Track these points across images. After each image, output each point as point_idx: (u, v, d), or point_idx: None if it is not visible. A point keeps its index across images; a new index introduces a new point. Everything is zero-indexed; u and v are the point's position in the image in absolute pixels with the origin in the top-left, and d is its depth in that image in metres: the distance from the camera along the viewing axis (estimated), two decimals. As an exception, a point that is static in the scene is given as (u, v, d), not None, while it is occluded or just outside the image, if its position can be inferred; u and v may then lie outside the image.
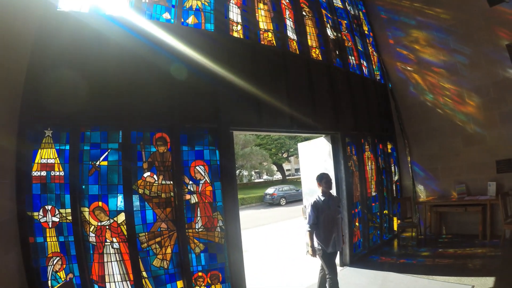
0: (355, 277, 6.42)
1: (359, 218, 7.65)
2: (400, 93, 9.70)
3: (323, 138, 7.40)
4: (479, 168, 8.37)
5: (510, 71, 7.82)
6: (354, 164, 7.72)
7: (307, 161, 8.16)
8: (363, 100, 8.55)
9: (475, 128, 8.41)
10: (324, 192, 5.07)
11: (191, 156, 4.90)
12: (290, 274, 6.96)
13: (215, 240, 4.98)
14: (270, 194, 25.97)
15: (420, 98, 9.31)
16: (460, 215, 8.46)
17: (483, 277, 5.74)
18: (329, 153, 7.30)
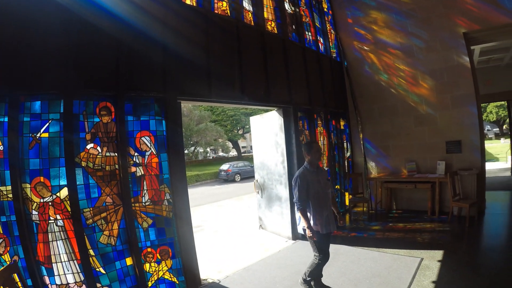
0: (308, 250, 6.33)
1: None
2: (356, 71, 9.85)
3: (275, 112, 7.35)
4: (429, 148, 8.81)
5: (464, 58, 8.22)
6: (306, 139, 7.71)
7: (259, 135, 8.14)
8: (317, 76, 8.59)
9: (427, 109, 8.79)
10: (312, 163, 4.68)
11: (137, 126, 4.65)
12: (243, 248, 7.03)
13: (163, 214, 4.81)
14: (225, 170, 26.12)
15: (374, 78, 9.51)
16: (410, 191, 8.94)
17: (432, 250, 6.05)
18: (280, 127, 7.26)
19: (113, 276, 4.28)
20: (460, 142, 8.37)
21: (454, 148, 8.44)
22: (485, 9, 7.83)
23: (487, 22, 7.92)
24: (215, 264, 6.19)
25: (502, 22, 7.78)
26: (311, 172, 4.61)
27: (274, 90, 6.93)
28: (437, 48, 8.56)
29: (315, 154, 4.66)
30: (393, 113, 9.28)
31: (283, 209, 7.36)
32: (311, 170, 4.63)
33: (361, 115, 9.74)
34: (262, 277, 5.44)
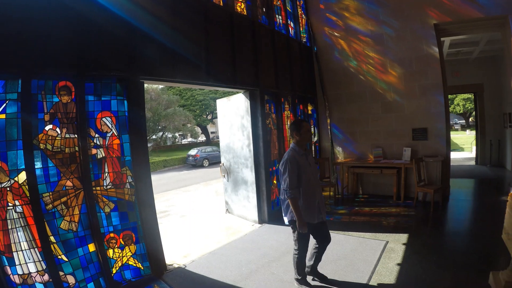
0: (274, 234, 6.66)
1: (277, 176, 7.76)
2: (325, 57, 9.92)
3: (242, 94, 7.34)
4: (396, 134, 9.06)
5: (434, 48, 8.44)
6: (272, 122, 7.78)
7: (226, 118, 8.11)
8: (286, 60, 8.62)
9: (395, 97, 9.00)
10: (301, 145, 4.26)
11: (98, 106, 4.48)
12: (210, 233, 7.04)
13: (125, 198, 4.70)
14: (193, 155, 26.07)
15: (344, 64, 9.62)
16: (376, 176, 9.20)
17: (397, 234, 6.25)
18: (247, 110, 7.26)
19: (76, 263, 4.16)
20: (426, 129, 8.66)
21: (420, 135, 8.74)
22: (457, 2, 8.05)
23: (459, 15, 8.14)
24: (181, 249, 6.18)
25: (473, 16, 8.02)
26: (300, 155, 4.19)
27: (241, 73, 6.90)
28: (408, 38, 8.73)
29: (305, 134, 4.24)
30: (361, 99, 9.45)
31: (249, 193, 7.43)
32: (301, 152, 4.21)
33: (329, 100, 9.87)
34: (228, 261, 5.48)
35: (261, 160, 7.24)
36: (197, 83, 6.18)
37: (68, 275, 4.08)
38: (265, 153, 7.29)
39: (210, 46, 6.17)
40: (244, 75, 7.00)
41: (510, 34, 7.89)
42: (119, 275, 4.62)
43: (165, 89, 36.70)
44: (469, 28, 8.81)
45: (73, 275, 4.12)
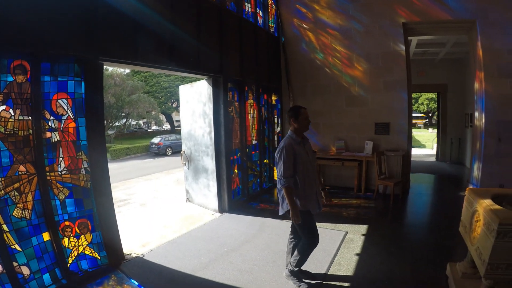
0: (234, 223, 6.74)
1: (238, 165, 7.90)
2: (292, 48, 10.02)
3: (205, 81, 7.31)
4: (358, 128, 9.30)
5: (401, 46, 8.73)
6: (235, 111, 7.83)
7: (188, 105, 8.07)
8: (252, 49, 8.66)
9: (360, 91, 9.25)
10: (299, 133, 4.17)
11: (54, 87, 4.30)
12: (169, 221, 7.04)
13: (80, 184, 4.55)
14: (156, 143, 25.89)
15: (310, 56, 9.76)
16: (338, 168, 9.42)
17: (357, 225, 6.46)
18: (209, 97, 7.25)
19: (30, 253, 4.01)
20: (388, 124, 8.99)
21: (383, 129, 9.06)
22: (427, 3, 8.36)
23: (427, 15, 8.45)
24: (140, 238, 6.15)
25: (441, 17, 8.37)
26: (297, 143, 4.08)
27: (205, 59, 6.87)
28: (376, 34, 8.98)
29: (303, 121, 4.16)
30: (325, 92, 9.63)
31: (209, 181, 7.46)
32: (298, 140, 4.12)
33: (293, 91, 10.00)
34: (186, 250, 5.51)
35: (222, 148, 7.27)
36: (158, 67, 6.10)
37: (23, 266, 3.94)
38: (226, 142, 7.32)
39: (175, 30, 6.10)
40: (208, 62, 6.97)
41: (477, 38, 8.29)
42: (75, 265, 4.52)
43: (130, 74, 35.93)
44: (437, 30, 9.19)
45: (28, 266, 3.98)
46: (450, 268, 4.55)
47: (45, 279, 4.15)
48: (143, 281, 4.49)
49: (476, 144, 8.87)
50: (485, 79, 8.30)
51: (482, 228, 3.52)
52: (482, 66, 8.30)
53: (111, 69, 29.77)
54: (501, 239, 3.14)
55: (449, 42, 11.55)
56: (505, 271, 3.25)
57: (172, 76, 36.25)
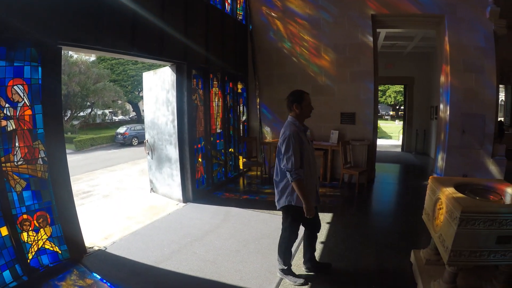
0: (198, 213, 6.71)
1: (202, 154, 7.85)
2: (259, 36, 10.02)
3: (169, 67, 7.19)
4: (324, 117, 9.37)
5: (369, 37, 8.88)
6: (199, 98, 7.75)
7: (151, 92, 7.93)
8: (219, 36, 8.60)
9: (326, 81, 9.35)
10: (301, 120, 3.88)
11: (9, 73, 4.08)
12: (133, 213, 6.93)
13: (37, 175, 4.37)
14: (121, 133, 25.47)
15: (278, 44, 9.77)
16: None
17: (322, 213, 6.34)
18: (173, 84, 7.14)
19: None
20: (354, 114, 9.16)
21: (349, 119, 9.22)
22: (397, -4, 8.57)
23: (397, 8, 8.63)
24: (102, 231, 6.01)
25: (410, 11, 8.57)
26: (301, 131, 3.81)
27: (169, 45, 6.75)
28: (344, 25, 9.09)
29: (307, 107, 3.85)
30: (292, 81, 9.61)
31: (173, 171, 7.40)
32: (301, 128, 3.83)
33: (260, 80, 10.02)
34: (149, 241, 5.44)
35: (186, 137, 7.21)
36: (120, 52, 5.90)
37: (-19, 264, 3.80)
38: (190, 130, 7.27)
39: (137, 14, 5.91)
40: (172, 48, 6.85)
41: (445, 33, 8.57)
42: (35, 261, 4.36)
43: (95, 61, 35.12)
44: (405, 23, 9.40)
45: (-14, 263, 3.85)
46: (414, 255, 4.67)
47: (5, 276, 3.98)
48: (105, 274, 4.41)
49: (441, 135, 9.20)
50: (451, 73, 8.59)
51: (445, 216, 3.60)
52: (449, 61, 8.58)
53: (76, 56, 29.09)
54: (464, 227, 3.21)
55: (417, 36, 11.83)
56: (468, 258, 3.33)
57: (139, 63, 35.58)
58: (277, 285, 4.13)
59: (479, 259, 3.34)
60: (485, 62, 8.46)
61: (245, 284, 4.17)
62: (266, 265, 4.62)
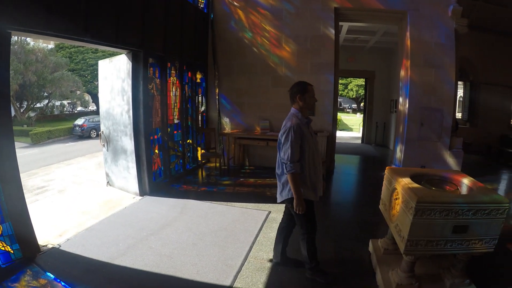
0: (155, 206, 6.54)
1: (159, 145, 7.62)
2: (221, 25, 9.82)
3: (125, 55, 6.90)
4: (284, 108, 9.00)
5: (331, 30, 8.96)
6: (156, 88, 7.50)
7: (107, 81, 7.59)
8: (179, 24, 8.32)
9: (286, 72, 9.35)
10: (304, 112, 3.84)
11: None
12: (88, 208, 6.65)
13: None
14: (79, 125, 24.78)
15: (239, 34, 9.64)
16: (262, 148, 9.49)
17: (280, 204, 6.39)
18: (128, 73, 6.84)
19: None
20: (314, 106, 8.96)
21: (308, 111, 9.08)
22: (360, -10, 8.64)
23: (360, 3, 8.76)
24: (56, 227, 5.71)
25: (373, 6, 8.74)
26: (304, 124, 3.76)
27: (125, 31, 6.44)
28: (307, 16, 9.11)
29: (310, 99, 3.85)
30: (251, 71, 9.60)
31: (129, 163, 7.14)
32: (304, 120, 3.79)
33: (219, 70, 9.85)
34: (105, 236, 5.24)
35: (141, 127, 6.94)
36: (73, 38, 5.57)
37: None
38: (145, 120, 7.00)
39: (92, -1, 5.65)
40: (128, 35, 6.55)
41: (406, 29, 8.84)
42: None
43: (54, 50, 33.95)
44: (368, 17, 9.53)
45: None
46: (373, 244, 4.72)
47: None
48: (59, 273, 4.17)
49: (400, 128, 9.46)
50: (411, 67, 8.85)
51: (401, 206, 3.64)
52: (409, 55, 8.85)
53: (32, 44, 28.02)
54: (419, 217, 3.25)
55: (379, 31, 12.07)
56: (424, 248, 3.39)
57: (99, 52, 34.67)
58: (234, 278, 4.07)
59: (436, 248, 3.40)
60: (445, 58, 8.78)
61: (202, 278, 4.08)
62: (223, 257, 4.55)
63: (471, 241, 3.40)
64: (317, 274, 4.05)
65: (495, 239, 3.44)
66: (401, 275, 3.73)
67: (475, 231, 3.36)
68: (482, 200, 3.34)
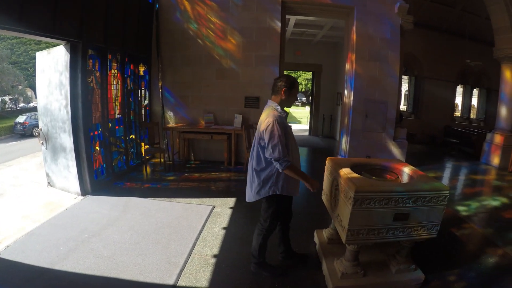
0: (97, 206, 6.32)
1: (100, 142, 7.31)
2: (166, 16, 9.57)
3: (63, 47, 6.51)
4: (228, 101, 9.48)
5: (277, 23, 9.03)
6: (96, 81, 7.15)
7: (44, 74, 7.17)
8: (121, 14, 7.98)
9: (231, 64, 9.35)
10: (283, 106, 3.76)
11: None
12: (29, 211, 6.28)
13: None
14: (21, 123, 23.64)
15: (183, 25, 9.44)
16: (207, 142, 9.54)
17: (225, 198, 6.59)
18: (66, 65, 6.47)
19: None
20: (258, 98, 9.36)
21: (253, 103, 9.41)
22: (308, -16, 8.71)
23: None
24: (-5, 235, 5.42)
25: (320, 0, 8.95)
26: (283, 118, 3.71)
27: (63, 21, 6.07)
28: (253, 8, 9.11)
29: (294, 96, 3.80)
30: (196, 63, 9.49)
31: (68, 161, 6.79)
32: (284, 114, 3.74)
33: (163, 62, 9.64)
34: (45, 241, 4.97)
35: (80, 123, 6.61)
36: (5, 28, 5.17)
37: None
38: (84, 115, 6.67)
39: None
40: (66, 24, 6.18)
41: (353, 23, 9.09)
42: None
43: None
44: (316, 11, 9.63)
45: None
46: (317, 235, 4.85)
47: None
48: None
49: (345, 119, 9.70)
50: (356, 61, 9.13)
51: (341, 196, 3.70)
52: (355, 49, 9.11)
53: (-32, 34, 26.44)
54: (359, 206, 3.31)
55: (327, 25, 12.39)
56: (366, 237, 3.47)
57: (42, 43, 32.92)
58: (178, 276, 4.03)
59: (378, 236, 3.49)
60: (390, 53, 9.15)
61: (145, 278, 4.00)
62: (166, 255, 4.48)
63: (413, 228, 3.51)
64: (263, 268, 4.10)
65: (437, 225, 3.57)
66: (345, 264, 3.81)
67: (417, 218, 3.47)
68: (422, 188, 3.45)
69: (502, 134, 10.68)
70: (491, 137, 11.12)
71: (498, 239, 5.53)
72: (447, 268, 4.47)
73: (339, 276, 3.78)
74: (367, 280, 3.81)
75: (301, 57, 15.89)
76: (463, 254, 5.06)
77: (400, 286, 3.89)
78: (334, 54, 15.55)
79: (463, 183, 9.45)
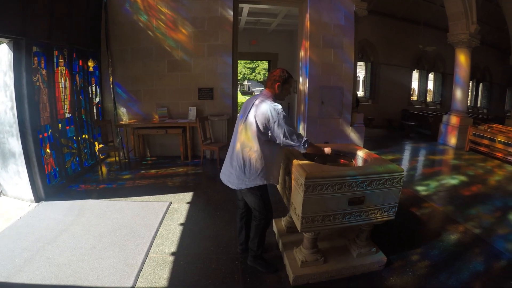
0: (51, 212, 6.17)
1: (50, 144, 7.10)
2: (115, 8, 9.36)
3: (6, 45, 6.26)
4: (181, 93, 9.52)
5: (229, 12, 9.12)
6: (42, 80, 6.93)
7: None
8: (67, 7, 7.69)
9: (183, 55, 9.38)
10: (277, 98, 3.85)
11: None
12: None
13: None
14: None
15: (133, 17, 9.31)
16: (162, 137, 9.56)
17: (182, 193, 6.66)
18: (10, 64, 6.23)
19: None
20: (212, 89, 9.49)
21: (207, 94, 9.52)
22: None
23: None
24: None
25: None
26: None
27: (4, 17, 5.80)
28: (204, -3, 9.08)
29: (287, 91, 3.90)
30: (146, 56, 9.44)
31: (19, 167, 6.57)
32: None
33: (113, 56, 9.46)
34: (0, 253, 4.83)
35: (28, 125, 6.42)
36: None
37: None
38: (32, 117, 6.47)
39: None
40: (7, 20, 5.91)
41: (306, 10, 9.28)
42: None
43: None
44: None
45: None
46: (276, 224, 4.96)
47: None
48: None
49: (301, 107, 9.95)
50: (310, 48, 9.35)
51: (293, 183, 3.74)
52: (309, 37, 9.34)
53: None
54: (311, 193, 3.36)
55: (281, 13, 12.60)
56: (321, 223, 3.53)
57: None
58: (136, 278, 4.05)
59: (334, 222, 3.57)
60: (344, 39, 9.46)
61: (103, 282, 3.99)
62: (123, 257, 4.49)
63: (370, 212, 3.64)
64: (259, 262, 4.18)
65: (395, 206, 3.71)
66: (305, 252, 3.92)
67: (372, 201, 3.59)
68: (376, 170, 3.56)
69: (458, 115, 11.39)
70: (447, 118, 11.82)
71: (458, 216, 5.89)
72: (410, 248, 4.70)
73: (299, 265, 3.89)
74: (328, 266, 3.94)
75: (257, 46, 16.07)
76: (425, 233, 5.35)
77: (363, 270, 4.04)
78: (290, 42, 15.75)
79: (422, 163, 9.95)
